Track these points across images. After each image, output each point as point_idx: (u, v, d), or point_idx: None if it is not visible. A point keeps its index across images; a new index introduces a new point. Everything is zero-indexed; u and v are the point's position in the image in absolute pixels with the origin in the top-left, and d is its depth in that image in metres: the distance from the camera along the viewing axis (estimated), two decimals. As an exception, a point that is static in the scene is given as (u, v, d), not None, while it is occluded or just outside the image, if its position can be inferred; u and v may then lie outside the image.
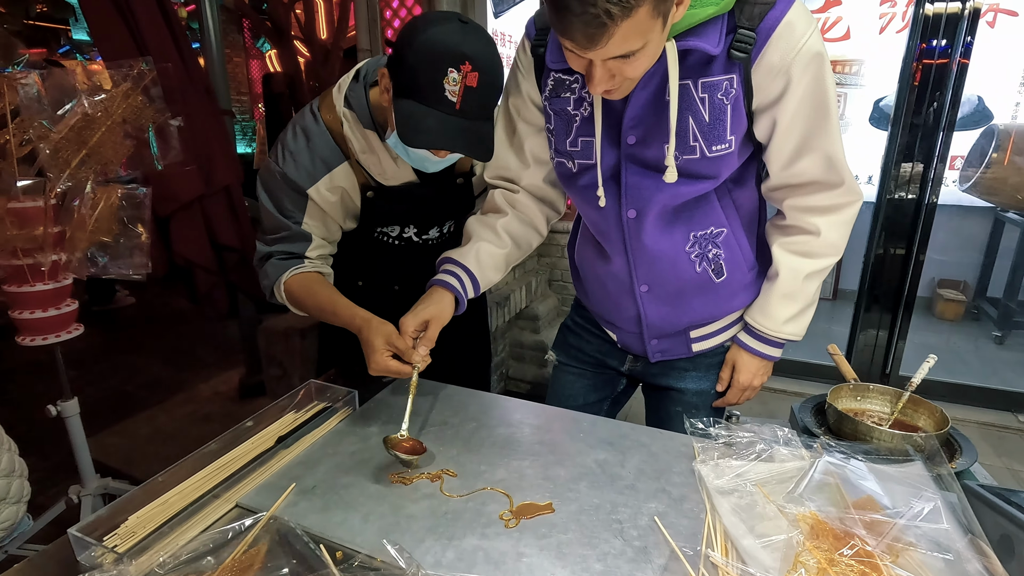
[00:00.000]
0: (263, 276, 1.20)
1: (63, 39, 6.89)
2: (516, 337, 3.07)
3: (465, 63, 0.92)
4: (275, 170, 1.13)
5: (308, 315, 1.19)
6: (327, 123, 1.12)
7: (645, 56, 0.80)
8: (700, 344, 1.18)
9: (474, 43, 0.93)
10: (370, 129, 1.11)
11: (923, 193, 2.60)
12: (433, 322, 1.04)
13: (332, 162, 1.13)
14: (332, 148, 1.13)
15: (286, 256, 1.18)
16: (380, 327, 1.02)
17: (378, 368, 1.01)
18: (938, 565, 0.70)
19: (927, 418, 1.11)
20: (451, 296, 1.08)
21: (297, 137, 1.13)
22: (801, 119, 0.91)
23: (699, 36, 0.86)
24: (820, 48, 0.87)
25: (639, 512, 0.84)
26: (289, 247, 1.17)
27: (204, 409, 2.96)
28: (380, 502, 0.86)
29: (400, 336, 1.02)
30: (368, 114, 1.10)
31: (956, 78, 2.45)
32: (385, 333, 1.02)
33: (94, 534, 0.77)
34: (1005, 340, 3.38)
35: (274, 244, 1.18)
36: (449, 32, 0.92)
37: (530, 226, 1.19)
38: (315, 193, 1.13)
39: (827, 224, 1.01)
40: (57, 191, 1.50)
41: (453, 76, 0.92)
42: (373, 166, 1.15)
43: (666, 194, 0.98)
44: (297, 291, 1.16)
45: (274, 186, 1.14)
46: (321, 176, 1.13)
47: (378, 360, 1.00)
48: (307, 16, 5.09)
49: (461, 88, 0.93)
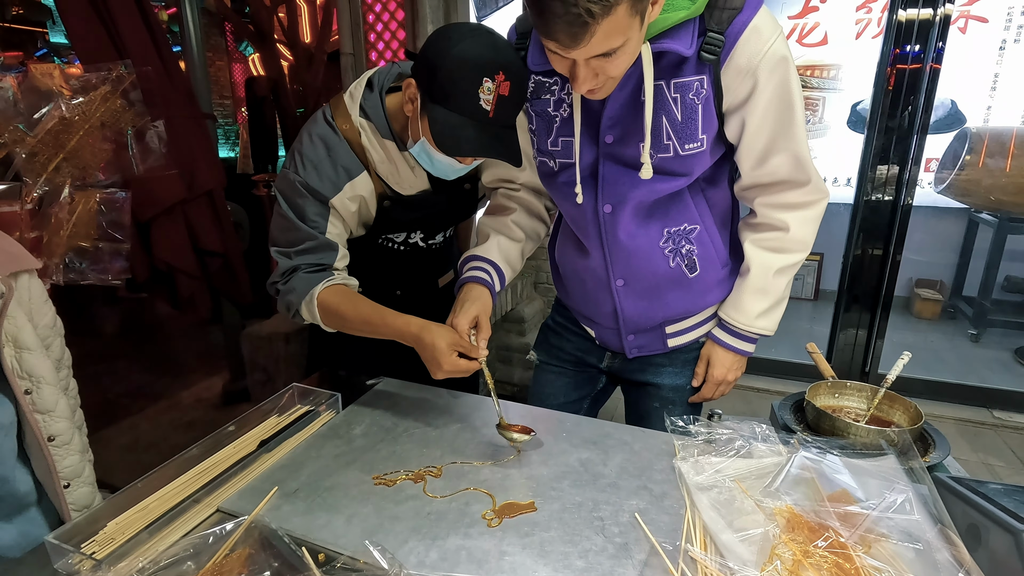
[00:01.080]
0: (287, 292, 1.13)
1: (40, 42, 6.77)
2: (502, 340, 3.08)
3: (499, 73, 0.94)
4: (295, 180, 1.10)
5: (342, 330, 1.13)
6: (344, 133, 1.10)
7: (625, 54, 0.84)
8: (675, 339, 1.21)
9: (506, 53, 0.96)
10: (388, 139, 1.11)
11: (899, 195, 2.65)
12: (482, 315, 1.06)
13: (353, 171, 1.12)
14: (352, 157, 1.11)
15: (315, 268, 1.13)
16: (441, 330, 1.02)
17: (451, 368, 1.00)
18: (909, 555, 0.72)
19: (902, 414, 1.13)
20: (487, 289, 1.11)
21: (316, 146, 1.11)
22: (769, 120, 0.96)
23: (672, 38, 0.90)
24: (785, 52, 0.91)
25: (620, 509, 0.85)
26: (316, 258, 1.13)
27: (186, 416, 2.91)
28: (363, 504, 0.86)
29: (462, 335, 1.02)
30: (386, 124, 1.10)
31: (929, 82, 2.51)
32: (448, 335, 1.01)
33: (72, 541, 0.77)
34: (980, 338, 3.46)
35: (299, 256, 1.12)
36: (484, 44, 0.94)
37: (536, 218, 1.24)
38: (338, 202, 1.12)
39: (796, 220, 1.05)
40: (34, 196, 1.48)
41: (488, 86, 0.94)
42: (391, 176, 1.15)
43: (641, 190, 1.02)
44: (336, 305, 1.10)
45: (296, 196, 1.11)
46: (344, 185, 1.11)
47: (450, 361, 1.00)
48: (290, 20, 5.06)
49: (495, 97, 0.95)
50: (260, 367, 2.58)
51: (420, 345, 1.03)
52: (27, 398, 0.89)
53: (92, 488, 1.00)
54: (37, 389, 0.90)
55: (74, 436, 0.96)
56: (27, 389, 0.89)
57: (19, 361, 0.88)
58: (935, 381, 2.86)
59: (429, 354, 1.01)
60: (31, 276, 0.95)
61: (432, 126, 0.98)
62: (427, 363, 1.02)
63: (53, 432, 0.92)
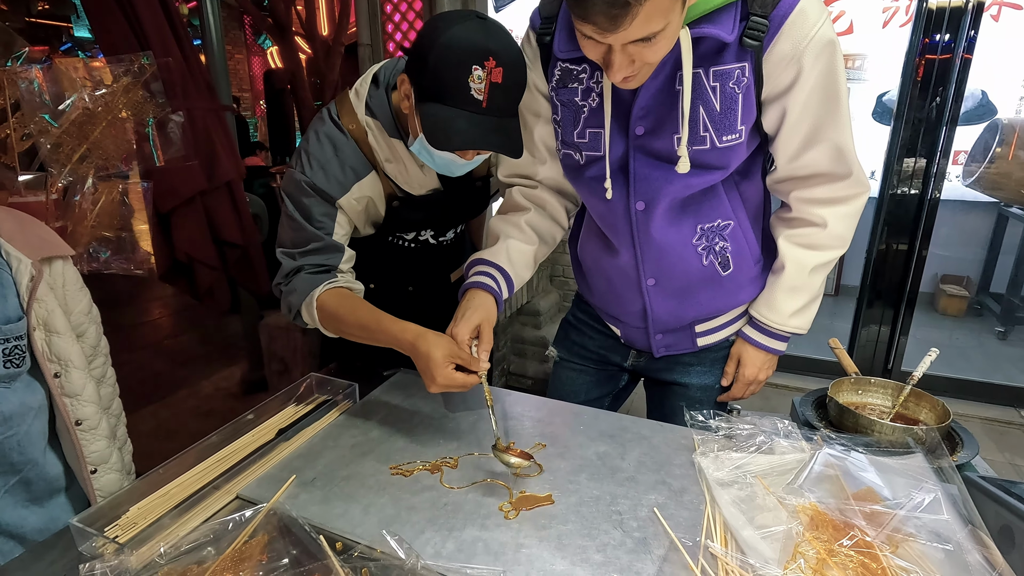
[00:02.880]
0: (289, 292, 1.09)
1: (64, 37, 6.89)
2: (518, 333, 3.07)
3: (489, 59, 0.89)
4: (302, 180, 1.06)
5: (340, 335, 1.08)
6: (351, 132, 1.07)
7: (665, 39, 0.79)
8: (705, 338, 1.17)
9: (497, 38, 0.91)
10: (395, 138, 1.08)
11: (926, 188, 2.58)
12: (485, 324, 0.99)
13: (361, 171, 1.09)
14: (359, 157, 1.08)
15: (318, 269, 1.09)
16: (438, 340, 0.94)
17: (444, 382, 0.92)
18: (938, 556, 0.70)
19: (928, 412, 1.10)
20: (492, 297, 1.04)
21: (323, 145, 1.08)
22: (812, 109, 0.90)
23: (713, 23, 0.85)
24: (832, 36, 0.86)
25: (639, 504, 0.84)
26: (321, 259, 1.09)
27: (206, 405, 2.96)
28: (380, 494, 0.87)
29: (461, 346, 0.95)
30: (392, 122, 1.07)
31: (959, 72, 2.43)
32: (445, 345, 0.93)
33: (95, 525, 0.78)
34: (1008, 336, 3.36)
35: (304, 257, 1.08)
36: (470, 29, 0.90)
37: (552, 220, 1.18)
38: (345, 203, 1.09)
39: (833, 216, 1.00)
40: (58, 186, 1.50)
41: (478, 73, 0.89)
42: (399, 175, 1.12)
43: (676, 185, 0.97)
44: (334, 308, 1.05)
45: (302, 196, 1.07)
46: (351, 185, 1.08)
47: (444, 374, 0.92)
48: (308, 12, 5.08)
49: (487, 85, 0.90)
50: (277, 357, 2.61)
51: (415, 355, 0.95)
52: (56, 381, 0.90)
53: (120, 475, 1.01)
54: (66, 373, 0.91)
55: (101, 422, 0.97)
56: (56, 372, 0.90)
57: (48, 344, 0.89)
58: (960, 379, 2.79)
59: (423, 365, 0.94)
60: (65, 262, 0.96)
61: (423, 121, 0.94)
62: (422, 375, 0.95)
63: (80, 416, 0.94)
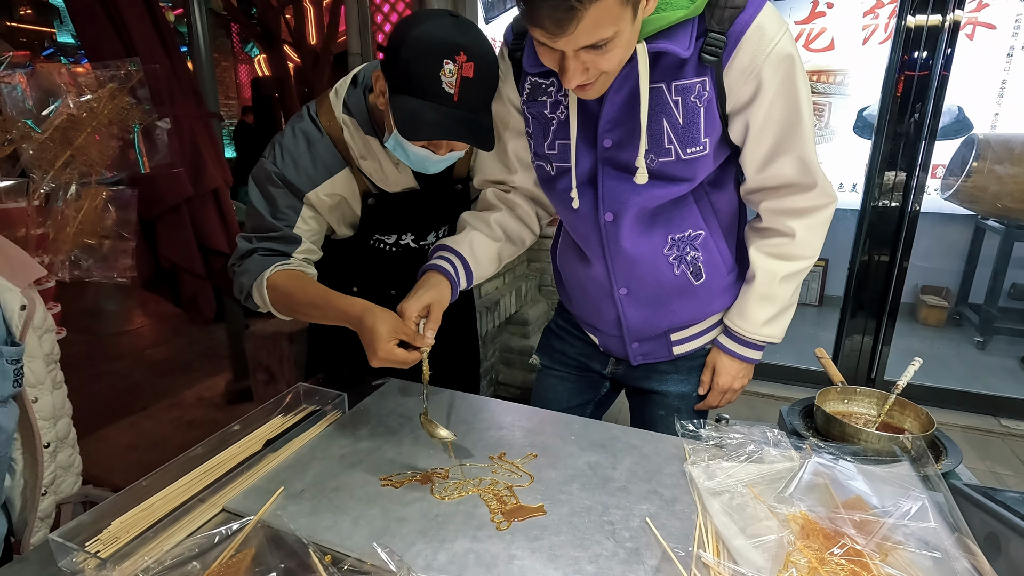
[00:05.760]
0: (241, 273, 1.13)
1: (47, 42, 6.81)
2: (506, 342, 3.07)
3: (460, 53, 0.92)
4: (272, 170, 1.09)
5: (292, 316, 1.11)
6: (327, 129, 1.10)
7: (618, 48, 0.80)
8: (681, 347, 1.19)
9: (468, 34, 0.93)
10: (371, 135, 1.10)
11: (906, 201, 2.64)
12: (435, 305, 1.00)
13: (334, 168, 1.11)
14: (333, 153, 1.10)
15: (270, 253, 1.13)
16: (384, 315, 0.97)
17: (384, 357, 0.94)
18: (926, 563, 0.70)
19: (913, 420, 1.12)
20: (447, 280, 1.06)
21: (297, 139, 1.10)
22: (773, 122, 0.92)
23: (669, 39, 0.86)
24: (791, 50, 0.88)
25: (631, 514, 0.84)
26: (276, 246, 1.12)
27: (189, 415, 2.91)
28: (370, 505, 0.85)
29: (405, 323, 0.97)
30: (368, 120, 1.09)
31: (937, 88, 2.50)
32: (389, 320, 0.96)
33: (76, 539, 0.76)
34: (986, 345, 3.44)
35: (259, 242, 1.13)
36: (441, 25, 0.92)
37: (522, 222, 1.19)
38: (314, 197, 1.10)
39: (802, 226, 1.02)
40: (41, 192, 1.48)
41: (449, 67, 0.91)
42: (374, 172, 1.14)
43: (642, 197, 0.99)
44: (284, 287, 1.08)
45: (270, 187, 1.10)
46: (322, 181, 1.10)
47: (384, 348, 0.94)
48: (297, 21, 5.08)
49: (458, 79, 0.92)
50: (263, 367, 2.57)
51: (360, 328, 0.97)
52: (34, 406, 0.88)
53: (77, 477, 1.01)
54: (40, 396, 0.89)
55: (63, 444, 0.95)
56: (35, 398, 0.88)
57: (32, 371, 0.88)
58: (941, 388, 2.84)
59: (368, 338, 0.95)
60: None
61: (394, 113, 0.96)
62: (365, 348, 0.97)
63: (50, 439, 0.91)
